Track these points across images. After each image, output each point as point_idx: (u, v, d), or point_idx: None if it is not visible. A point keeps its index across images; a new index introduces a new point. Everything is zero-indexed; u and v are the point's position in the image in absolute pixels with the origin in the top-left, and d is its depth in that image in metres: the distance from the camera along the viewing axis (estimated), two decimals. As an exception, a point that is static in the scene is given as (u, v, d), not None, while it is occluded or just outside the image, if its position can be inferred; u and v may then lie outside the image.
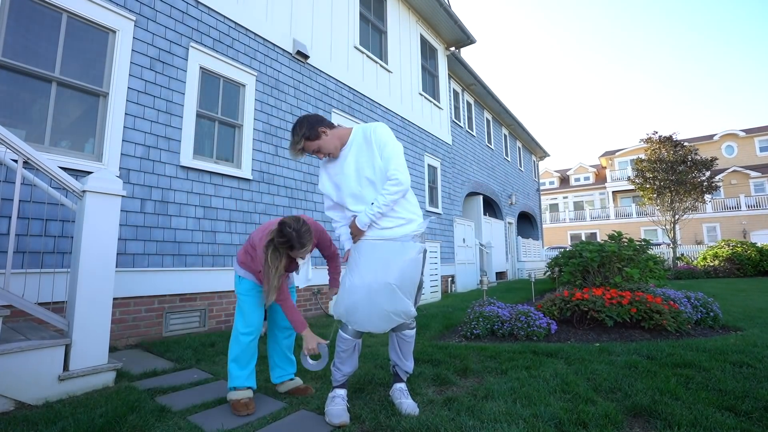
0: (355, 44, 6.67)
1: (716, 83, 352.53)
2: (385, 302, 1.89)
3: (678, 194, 14.81)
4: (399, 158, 1.96)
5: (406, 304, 1.93)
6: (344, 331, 2.01)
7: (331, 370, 2.07)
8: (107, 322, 2.39)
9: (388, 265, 1.91)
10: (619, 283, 4.54)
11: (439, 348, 3.27)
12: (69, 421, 1.80)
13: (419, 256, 1.99)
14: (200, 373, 2.69)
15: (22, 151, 2.21)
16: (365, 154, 2.00)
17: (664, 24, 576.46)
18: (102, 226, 2.40)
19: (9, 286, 2.13)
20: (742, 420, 1.84)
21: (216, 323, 4.17)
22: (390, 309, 1.91)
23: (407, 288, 1.95)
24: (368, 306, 1.90)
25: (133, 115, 3.70)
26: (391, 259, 1.92)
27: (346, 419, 1.86)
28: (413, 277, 1.97)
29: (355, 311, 1.93)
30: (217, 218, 4.28)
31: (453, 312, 5.27)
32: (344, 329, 2.01)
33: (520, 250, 14.36)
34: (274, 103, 5.13)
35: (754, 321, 4.38)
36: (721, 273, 12.28)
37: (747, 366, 2.63)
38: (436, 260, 7.40)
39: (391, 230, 1.96)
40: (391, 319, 1.94)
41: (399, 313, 1.93)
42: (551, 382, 2.37)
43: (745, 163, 27.80)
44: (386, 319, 1.93)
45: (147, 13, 3.89)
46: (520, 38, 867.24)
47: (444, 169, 9.30)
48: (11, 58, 3.05)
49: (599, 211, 30.46)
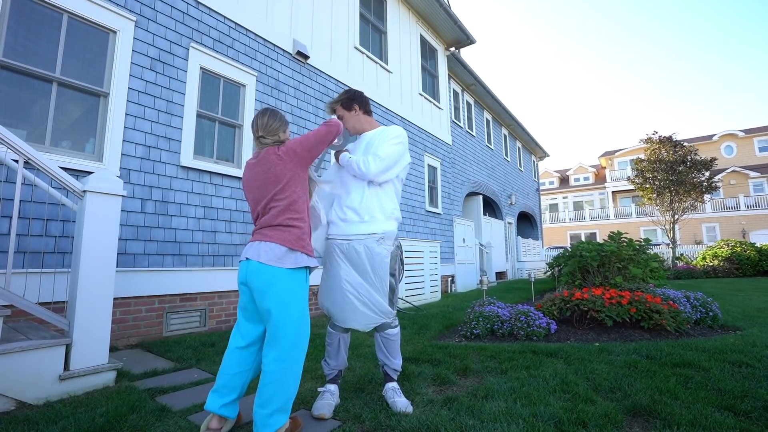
0: (355, 44, 6.67)
1: (716, 83, 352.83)
2: (355, 299, 2.01)
3: (677, 194, 14.83)
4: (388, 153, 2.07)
5: (377, 301, 2.01)
6: (330, 325, 2.16)
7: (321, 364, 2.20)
8: (108, 321, 2.39)
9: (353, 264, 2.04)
10: (619, 283, 4.55)
11: (439, 348, 3.27)
12: (70, 420, 1.80)
13: (383, 257, 2.05)
14: (200, 372, 2.69)
15: (23, 151, 2.22)
16: (378, 141, 2.15)
17: (664, 24, 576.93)
18: (102, 226, 2.40)
19: (10, 286, 2.13)
20: (741, 419, 1.85)
21: (216, 323, 4.18)
22: (361, 306, 2.01)
23: (376, 286, 2.03)
24: (342, 303, 2.03)
25: (134, 116, 3.71)
26: (355, 259, 2.03)
27: (324, 412, 1.93)
28: (381, 276, 2.04)
29: (333, 308, 2.08)
30: (217, 218, 4.29)
31: (453, 312, 5.28)
32: (330, 323, 2.16)
33: (520, 250, 14.37)
34: (275, 103, 5.13)
35: (753, 321, 4.39)
36: (720, 273, 12.29)
37: (746, 366, 2.63)
38: (436, 260, 7.41)
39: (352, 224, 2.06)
40: (366, 316, 2.03)
41: (373, 310, 2.02)
42: (551, 381, 2.38)
43: (744, 164, 27.81)
44: (362, 316, 2.03)
45: (147, 13, 3.89)
46: (521, 38, 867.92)
47: (444, 169, 9.31)
48: (12, 59, 3.05)
49: (599, 211, 30.48)
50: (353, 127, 2.24)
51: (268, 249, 1.71)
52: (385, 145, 2.09)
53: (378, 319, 2.05)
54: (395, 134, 2.13)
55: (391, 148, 2.08)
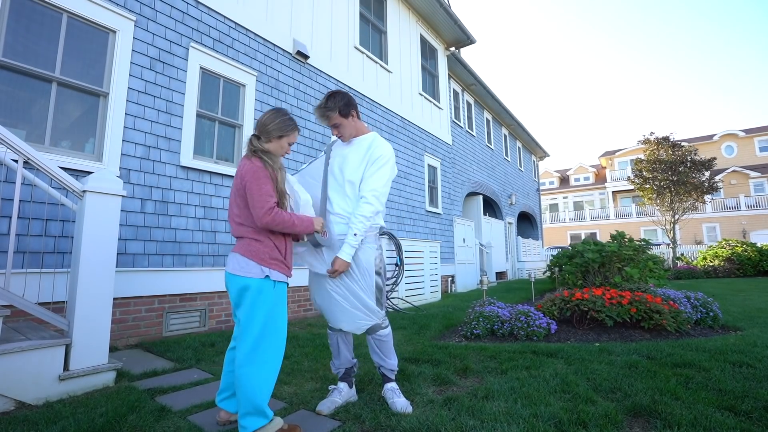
0: (355, 44, 6.67)
1: (716, 83, 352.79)
2: (341, 299, 2.01)
3: (678, 194, 14.83)
4: (379, 183, 2.02)
5: (363, 300, 2.01)
6: (328, 326, 2.18)
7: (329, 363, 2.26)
8: (107, 322, 2.39)
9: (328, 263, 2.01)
10: (619, 283, 4.55)
11: (439, 348, 3.27)
12: (69, 421, 1.80)
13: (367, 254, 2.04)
14: (200, 373, 2.69)
15: (23, 151, 2.21)
16: (358, 158, 2.08)
17: (665, 24, 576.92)
18: (102, 226, 2.40)
19: (9, 286, 2.13)
20: (741, 420, 1.84)
21: (216, 323, 4.17)
22: (348, 306, 2.01)
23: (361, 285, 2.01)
24: (329, 303, 2.04)
25: (134, 115, 3.70)
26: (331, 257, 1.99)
27: (321, 409, 2.01)
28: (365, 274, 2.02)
29: (323, 308, 2.09)
30: (217, 218, 4.28)
31: (453, 312, 5.28)
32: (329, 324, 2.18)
33: (520, 250, 14.37)
34: (274, 103, 5.12)
35: (753, 321, 4.38)
36: (720, 273, 12.28)
37: (747, 366, 2.63)
38: (436, 260, 7.40)
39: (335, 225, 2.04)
40: (353, 315, 2.02)
41: (359, 309, 2.01)
42: (551, 382, 2.37)
43: (744, 163, 27.80)
44: (350, 315, 2.02)
45: (147, 13, 3.89)
46: (520, 38, 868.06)
47: (444, 169, 9.30)
48: (11, 58, 3.05)
49: (599, 211, 30.46)
50: (349, 135, 2.13)
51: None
52: (375, 176, 2.02)
53: (366, 318, 2.03)
54: (381, 155, 2.05)
55: (379, 175, 2.03)
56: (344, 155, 2.13)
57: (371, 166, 2.04)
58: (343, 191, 2.07)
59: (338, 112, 2.07)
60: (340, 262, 1.93)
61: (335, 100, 2.07)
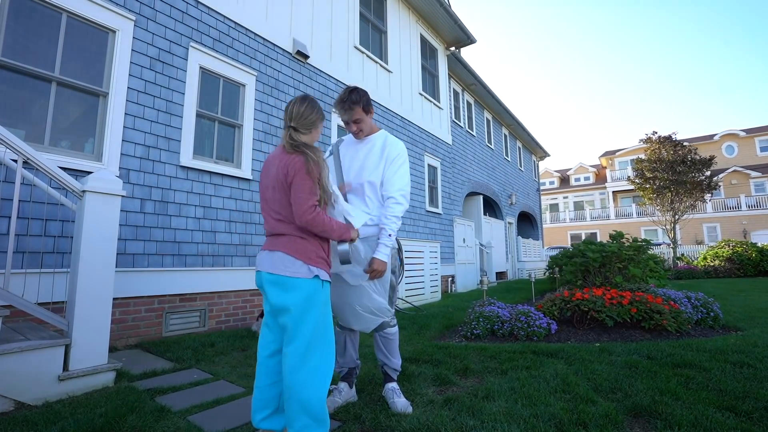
0: (355, 44, 6.67)
1: (717, 83, 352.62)
2: (354, 299, 2.00)
3: (678, 194, 14.83)
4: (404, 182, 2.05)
5: (375, 300, 2.00)
6: (337, 324, 2.14)
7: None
8: (107, 322, 2.39)
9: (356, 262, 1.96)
10: (620, 283, 4.55)
11: (440, 348, 3.26)
12: (69, 421, 1.80)
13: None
14: (200, 373, 2.69)
15: (22, 151, 2.21)
16: (375, 159, 2.08)
17: (665, 24, 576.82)
18: (102, 225, 2.40)
19: (9, 286, 2.13)
20: (742, 420, 1.84)
21: (216, 323, 4.17)
22: (359, 306, 2.00)
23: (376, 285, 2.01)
24: (342, 303, 2.03)
25: (133, 115, 3.70)
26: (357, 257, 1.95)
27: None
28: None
29: (334, 307, 2.05)
30: (217, 218, 4.28)
31: (453, 312, 5.27)
32: (336, 322, 2.14)
33: (520, 250, 14.36)
34: (274, 103, 5.12)
35: (754, 321, 4.38)
36: (721, 273, 12.28)
37: (747, 366, 2.62)
38: (436, 260, 7.40)
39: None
40: (364, 317, 2.02)
41: (371, 310, 2.00)
42: (551, 382, 2.37)
43: (745, 163, 27.78)
44: (360, 316, 2.02)
45: (147, 12, 3.89)
46: (521, 38, 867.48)
47: (444, 169, 9.30)
48: (11, 58, 3.05)
49: (599, 211, 30.45)
50: (368, 131, 2.12)
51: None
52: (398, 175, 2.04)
53: (377, 320, 2.04)
54: (398, 153, 2.07)
55: (401, 174, 2.05)
56: (358, 156, 2.11)
57: (390, 165, 2.05)
58: (362, 192, 2.06)
59: (363, 109, 2.04)
60: (379, 262, 1.93)
61: (359, 94, 2.03)
